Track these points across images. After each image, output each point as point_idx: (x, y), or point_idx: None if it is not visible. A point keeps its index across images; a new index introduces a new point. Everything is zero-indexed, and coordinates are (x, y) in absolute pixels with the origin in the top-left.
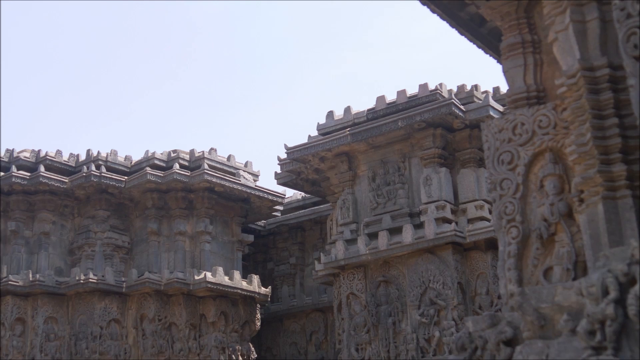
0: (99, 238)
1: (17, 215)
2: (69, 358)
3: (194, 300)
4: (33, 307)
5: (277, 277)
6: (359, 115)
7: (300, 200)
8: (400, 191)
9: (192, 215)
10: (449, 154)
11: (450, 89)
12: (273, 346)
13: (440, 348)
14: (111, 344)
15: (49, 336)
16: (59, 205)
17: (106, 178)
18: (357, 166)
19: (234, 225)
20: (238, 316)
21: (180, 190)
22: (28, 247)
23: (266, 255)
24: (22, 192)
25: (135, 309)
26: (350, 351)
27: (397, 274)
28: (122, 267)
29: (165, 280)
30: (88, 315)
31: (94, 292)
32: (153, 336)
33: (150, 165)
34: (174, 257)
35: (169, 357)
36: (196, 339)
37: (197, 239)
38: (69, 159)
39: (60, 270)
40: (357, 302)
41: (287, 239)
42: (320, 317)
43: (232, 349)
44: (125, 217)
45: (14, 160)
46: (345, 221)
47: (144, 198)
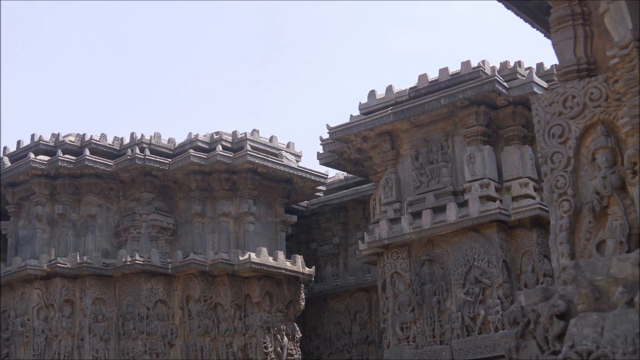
0: (144, 220)
1: (64, 198)
2: (116, 338)
3: (238, 281)
4: (81, 288)
5: (321, 257)
6: (401, 94)
7: (343, 181)
8: (443, 170)
9: (235, 196)
10: (492, 131)
11: (493, 66)
12: (317, 326)
13: (486, 326)
14: (158, 325)
15: (97, 317)
16: (104, 188)
17: (150, 161)
18: (399, 145)
19: (277, 206)
20: (282, 296)
21: (223, 171)
22: (75, 230)
23: (309, 236)
24: (69, 176)
25: (181, 290)
26: (395, 330)
27: (441, 252)
28: (167, 249)
29: (210, 261)
30: (135, 297)
31: (140, 273)
32: (199, 316)
33: (193, 148)
34: (218, 238)
35: (215, 337)
36: (241, 319)
37: (241, 220)
38: (114, 142)
39: (107, 252)
40: (401, 281)
41: (330, 219)
42: (364, 296)
43: (277, 328)
44: (170, 199)
45: (59, 144)
46: (388, 200)
47: (187, 180)
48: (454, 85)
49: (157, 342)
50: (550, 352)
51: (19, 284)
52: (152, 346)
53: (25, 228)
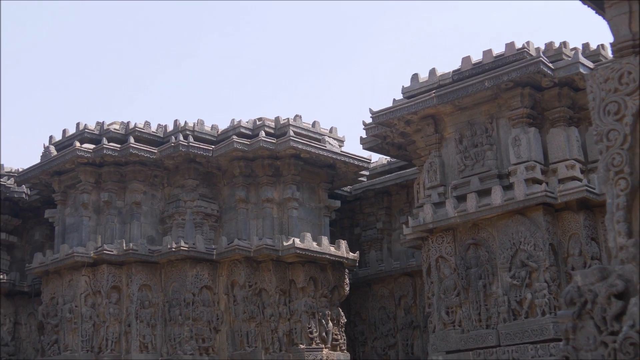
0: (188, 207)
1: (110, 186)
2: (163, 324)
3: (283, 266)
4: (127, 275)
5: (364, 242)
6: (445, 76)
7: (386, 165)
8: (488, 152)
9: (279, 182)
10: (537, 113)
11: (537, 47)
12: (362, 311)
13: (533, 310)
14: (204, 310)
15: (144, 303)
16: (149, 175)
17: (194, 147)
18: (443, 128)
19: (321, 191)
20: (327, 281)
21: (266, 157)
22: (121, 217)
23: (353, 221)
24: (114, 164)
25: (226, 276)
26: (441, 314)
27: (487, 236)
28: (211, 235)
29: (255, 247)
30: (180, 283)
31: (185, 259)
32: (244, 302)
33: (236, 134)
34: (262, 223)
35: (260, 323)
36: (286, 304)
37: (285, 206)
38: (157, 130)
39: (152, 239)
40: (446, 265)
41: (374, 204)
42: (408, 281)
43: (322, 313)
44: (214, 185)
45: (104, 132)
46: (432, 184)
47: (231, 166)
48: (498, 67)
49: (202, 328)
50: (608, 333)
51: (67, 271)
52: (198, 332)
53: (72, 216)
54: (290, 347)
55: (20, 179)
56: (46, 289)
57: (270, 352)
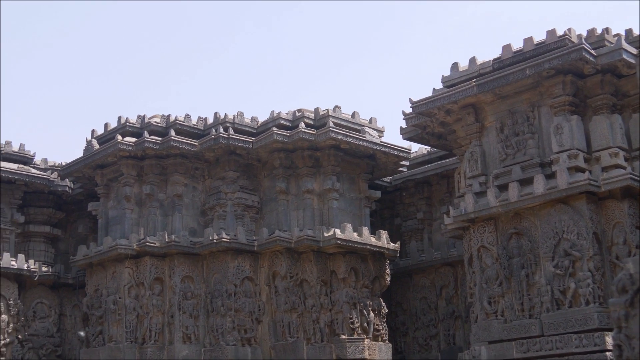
0: (229, 199)
1: (151, 179)
2: (205, 315)
3: (324, 257)
4: (170, 266)
5: (405, 233)
6: (485, 65)
7: (426, 155)
8: (529, 141)
9: (319, 173)
10: (580, 101)
11: (579, 34)
12: (403, 301)
13: (577, 300)
14: (245, 301)
15: (186, 294)
16: (189, 167)
17: (234, 140)
18: (484, 117)
19: (361, 182)
20: (368, 272)
21: (306, 148)
22: (162, 210)
23: (393, 211)
24: (155, 157)
25: (267, 267)
26: (483, 304)
27: (529, 225)
28: (252, 226)
29: (296, 238)
30: (222, 274)
31: (227, 251)
32: (285, 293)
33: (276, 125)
34: (302, 215)
35: (301, 313)
36: (327, 294)
37: (325, 197)
38: (198, 123)
39: (194, 230)
40: (488, 255)
41: (414, 194)
42: (449, 271)
43: (363, 304)
44: (254, 177)
45: (145, 125)
46: (473, 174)
47: (271, 158)
48: (539, 55)
49: (244, 319)
50: None
51: (110, 263)
52: (240, 322)
53: (115, 208)
54: (331, 338)
55: (63, 173)
56: (90, 281)
57: (312, 343)
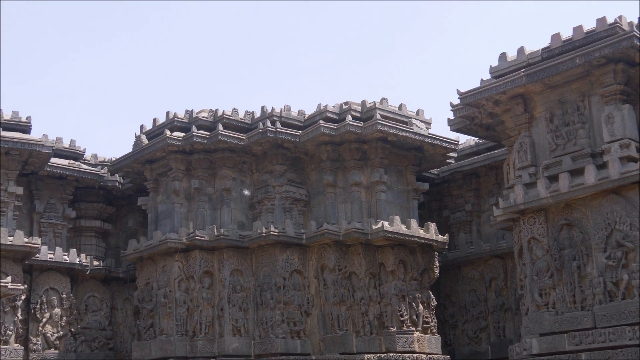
0: (277, 192)
1: (200, 173)
2: (255, 308)
3: (372, 250)
4: (219, 260)
5: (453, 225)
6: (533, 55)
7: (474, 146)
8: (580, 131)
9: (366, 165)
10: (631, 89)
11: (630, 22)
12: (452, 293)
13: (630, 291)
14: (294, 294)
15: (236, 287)
16: (237, 161)
17: (281, 133)
18: (533, 108)
19: (409, 174)
20: (417, 264)
21: (353, 141)
22: (211, 204)
23: (441, 203)
24: (203, 151)
25: (315, 260)
26: (534, 296)
27: (580, 216)
28: (300, 220)
29: (344, 231)
30: (271, 267)
31: (275, 244)
32: (334, 285)
33: (323, 119)
34: (350, 207)
35: (350, 306)
36: (376, 287)
37: (373, 189)
38: (245, 117)
39: (242, 224)
40: (538, 247)
41: (462, 186)
42: (499, 263)
43: (412, 296)
44: (301, 170)
45: (193, 120)
46: (523, 165)
47: (318, 151)
48: (590, 44)
49: (294, 312)
50: None
51: (160, 257)
52: (289, 315)
53: (164, 203)
54: (381, 330)
55: (113, 168)
56: (141, 275)
57: (361, 335)
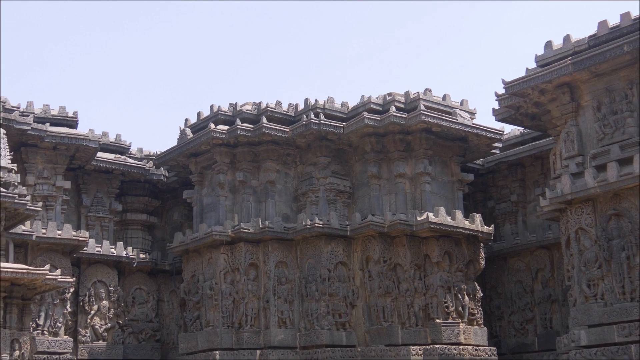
0: (321, 184)
1: (244, 166)
2: (300, 300)
3: (417, 241)
4: (264, 252)
5: (499, 216)
6: (580, 43)
7: (519, 136)
8: (628, 119)
9: (410, 156)
10: None
11: None
12: (498, 285)
13: None
14: (339, 286)
15: (281, 279)
16: (281, 154)
17: (325, 125)
18: (580, 96)
19: (453, 165)
20: (462, 255)
21: (397, 132)
22: (256, 196)
23: (486, 194)
24: (247, 144)
25: (360, 252)
26: (582, 287)
27: (629, 206)
28: (345, 211)
29: (388, 222)
30: (316, 259)
31: (320, 236)
32: (379, 277)
33: (366, 110)
34: (395, 199)
35: (395, 298)
36: (421, 279)
37: (417, 180)
38: (288, 109)
39: (286, 216)
40: (586, 237)
41: (507, 176)
42: (545, 254)
43: (457, 288)
44: (345, 162)
45: (237, 113)
46: (570, 154)
47: (362, 142)
48: (637, 31)
49: (339, 303)
50: None
51: (206, 249)
52: (335, 307)
53: (209, 196)
54: (426, 322)
55: (158, 162)
56: (187, 267)
57: (407, 327)
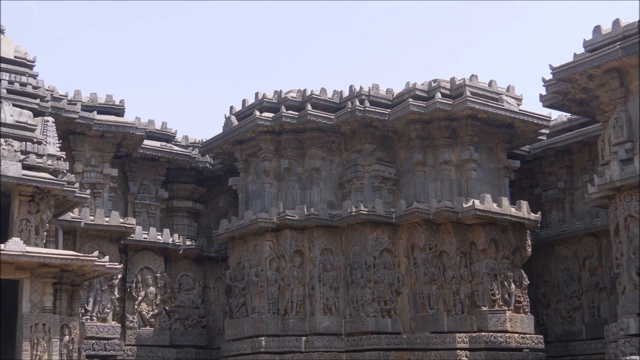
0: (366, 171)
1: (289, 153)
2: (345, 287)
3: (462, 228)
4: (309, 239)
5: (545, 203)
6: (630, 27)
7: (566, 122)
8: None
9: (456, 143)
10: None
11: None
12: (544, 272)
13: None
14: (385, 273)
15: (326, 266)
16: (326, 141)
17: (370, 112)
18: (629, 82)
19: (499, 152)
20: (508, 243)
21: (443, 119)
22: (301, 183)
23: (532, 181)
24: (292, 131)
25: (405, 239)
26: (631, 275)
27: None
28: (390, 198)
29: (434, 210)
30: (361, 246)
31: (365, 223)
32: (424, 264)
33: (411, 97)
34: (440, 186)
35: (441, 285)
36: (467, 266)
37: (463, 167)
38: (333, 96)
39: (332, 203)
40: (636, 225)
41: (554, 163)
42: (593, 241)
43: (503, 275)
44: (390, 149)
45: (282, 100)
46: (619, 140)
47: (407, 129)
48: None
49: (384, 290)
50: None
51: (252, 236)
52: (380, 294)
53: (254, 183)
54: (472, 309)
55: (204, 150)
56: (232, 254)
57: (453, 314)
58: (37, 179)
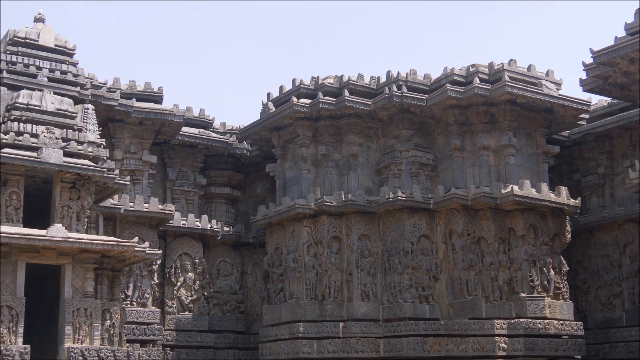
0: (404, 157)
1: (326, 139)
2: (382, 273)
3: (501, 214)
4: (347, 225)
5: (585, 188)
6: None
7: (607, 107)
8: None
9: (494, 129)
10: None
11: None
12: (584, 259)
13: None
14: (422, 259)
15: (363, 252)
16: (363, 127)
17: (407, 97)
18: None
19: (538, 137)
20: (547, 229)
21: (481, 104)
22: (338, 169)
23: (572, 166)
24: (329, 117)
25: (443, 225)
26: None
27: None
28: (427, 184)
29: (472, 195)
30: (399, 232)
31: (403, 209)
32: (463, 250)
33: (449, 82)
34: (478, 171)
35: (479, 271)
36: (506, 252)
37: (501, 153)
38: (370, 82)
39: (369, 189)
40: None
41: (594, 148)
42: (634, 227)
43: (542, 261)
44: (428, 134)
45: (319, 87)
46: None
47: (445, 115)
48: None
49: (422, 277)
50: None
51: (289, 222)
52: (418, 280)
53: (292, 169)
54: (511, 296)
55: (241, 136)
56: (270, 240)
57: (491, 301)
58: (78, 165)
